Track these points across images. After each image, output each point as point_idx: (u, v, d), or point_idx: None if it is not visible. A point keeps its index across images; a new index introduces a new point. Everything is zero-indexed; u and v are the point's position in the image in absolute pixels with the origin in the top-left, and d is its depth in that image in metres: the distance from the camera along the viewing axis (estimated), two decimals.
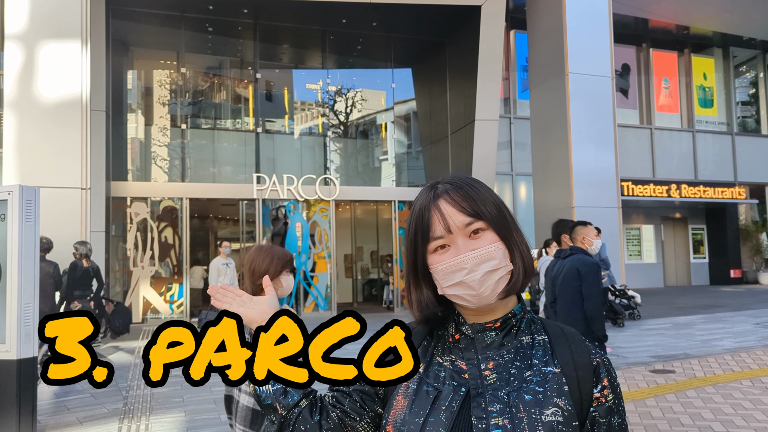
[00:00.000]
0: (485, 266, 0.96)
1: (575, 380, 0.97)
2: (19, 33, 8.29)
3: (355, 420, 1.04)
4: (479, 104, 12.80)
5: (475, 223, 0.98)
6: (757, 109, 21.08)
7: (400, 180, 15.62)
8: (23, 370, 4.60)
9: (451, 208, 0.98)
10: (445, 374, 1.00)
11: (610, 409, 0.98)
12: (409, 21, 14.01)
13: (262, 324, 0.97)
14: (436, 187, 1.02)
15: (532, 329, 1.03)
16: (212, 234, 16.55)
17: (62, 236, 7.64)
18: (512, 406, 0.93)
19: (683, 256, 20.25)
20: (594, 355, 1.00)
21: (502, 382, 0.96)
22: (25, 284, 4.68)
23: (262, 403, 1.06)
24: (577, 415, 0.95)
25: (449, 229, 0.98)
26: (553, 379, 0.96)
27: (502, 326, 1.00)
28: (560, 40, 12.57)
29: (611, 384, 1.00)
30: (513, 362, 0.98)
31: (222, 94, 14.98)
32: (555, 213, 12.67)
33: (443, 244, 0.99)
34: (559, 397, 0.94)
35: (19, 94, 8.21)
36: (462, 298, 0.98)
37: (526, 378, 0.96)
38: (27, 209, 4.72)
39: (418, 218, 1.01)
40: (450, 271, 0.98)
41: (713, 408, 5.03)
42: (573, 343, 1.01)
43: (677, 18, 18.05)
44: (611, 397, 0.99)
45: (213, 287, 1.14)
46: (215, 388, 6.17)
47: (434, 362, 1.03)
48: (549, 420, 0.92)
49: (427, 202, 1.01)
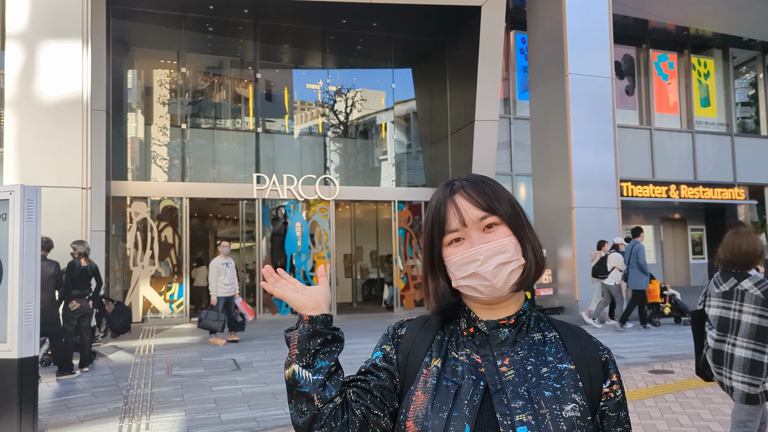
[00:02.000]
0: (498, 258, 0.99)
1: (588, 376, 1.00)
2: (20, 32, 8.29)
3: (378, 416, 1.03)
4: (479, 104, 12.82)
5: (490, 217, 1.01)
6: (756, 110, 21.10)
7: (399, 180, 15.64)
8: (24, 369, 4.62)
9: (467, 203, 1.02)
10: (463, 369, 1.01)
11: (619, 404, 1.02)
12: (410, 21, 14.02)
13: (314, 314, 1.02)
14: (453, 184, 1.06)
15: (541, 326, 1.06)
16: (212, 234, 16.56)
17: (62, 236, 7.65)
18: (534, 403, 0.95)
19: (682, 256, 20.29)
20: (602, 352, 1.04)
21: (520, 379, 0.98)
22: (27, 284, 4.69)
23: (297, 389, 1.01)
24: (590, 410, 0.98)
25: (464, 223, 1.01)
26: (569, 376, 0.99)
27: (515, 323, 1.03)
28: (560, 41, 12.58)
29: (619, 379, 1.04)
30: (528, 359, 1.00)
31: (222, 93, 14.99)
32: (555, 213, 12.71)
33: (458, 237, 1.02)
34: (576, 393, 0.97)
35: (20, 93, 8.22)
36: (476, 290, 1.00)
37: (543, 375, 0.98)
38: (28, 209, 4.74)
39: (435, 212, 1.05)
40: (464, 263, 1.00)
41: (712, 408, 5.04)
42: (582, 339, 1.04)
43: (677, 19, 18.06)
44: (620, 392, 1.03)
45: (267, 268, 1.12)
46: (215, 388, 6.19)
47: (450, 357, 1.04)
48: (569, 416, 0.94)
49: (443, 197, 1.04)
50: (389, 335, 1.11)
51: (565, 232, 12.39)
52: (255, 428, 4.81)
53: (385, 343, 1.11)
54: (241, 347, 8.77)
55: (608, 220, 12.44)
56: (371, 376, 1.06)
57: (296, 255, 12.99)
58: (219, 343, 9.06)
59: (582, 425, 0.95)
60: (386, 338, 1.11)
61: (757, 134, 20.70)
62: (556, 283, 12.68)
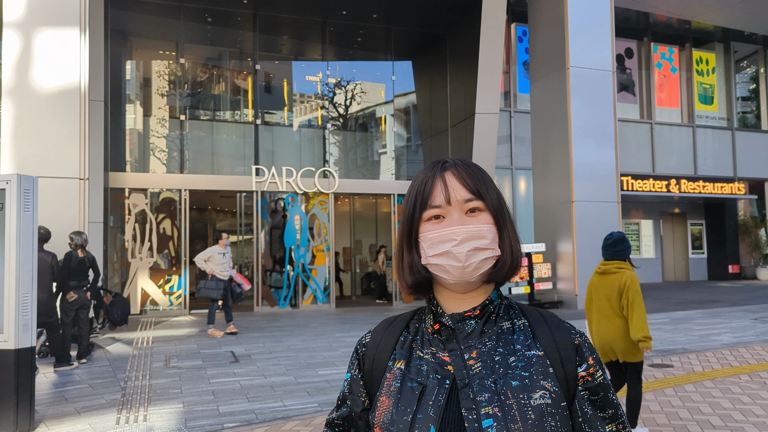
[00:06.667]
0: (474, 243, 0.96)
1: (559, 361, 0.97)
2: (17, 21, 8.22)
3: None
4: (479, 97, 12.76)
5: (475, 201, 0.99)
6: (757, 104, 21.04)
7: (399, 173, 15.59)
8: (21, 360, 4.59)
9: (456, 181, 0.99)
10: (428, 368, 0.99)
11: (600, 386, 0.98)
12: (410, 13, 13.94)
13: None
14: (445, 162, 1.04)
15: (510, 314, 1.03)
16: (210, 226, 16.53)
17: (60, 226, 7.62)
18: (501, 394, 0.92)
19: (682, 251, 20.29)
20: (575, 335, 1.01)
21: (488, 370, 0.95)
22: (24, 274, 4.66)
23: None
24: (565, 396, 0.95)
25: (449, 201, 0.99)
26: (538, 362, 0.96)
27: (481, 314, 1.00)
28: (561, 34, 12.51)
29: (597, 361, 1.00)
30: (496, 349, 0.98)
31: (221, 85, 14.91)
32: (555, 207, 12.68)
33: (438, 215, 0.99)
34: (545, 379, 0.94)
35: (17, 82, 8.16)
36: (444, 269, 0.97)
37: (511, 364, 0.96)
38: (25, 199, 4.70)
39: (421, 185, 1.02)
40: (440, 241, 0.98)
41: (711, 402, 5.03)
42: (552, 324, 1.01)
43: (678, 12, 17.98)
44: (600, 374, 0.99)
45: None
46: (214, 380, 6.17)
47: (415, 357, 1.01)
48: (538, 403, 0.91)
49: (432, 173, 1.02)
50: (355, 350, 1.11)
51: (564, 225, 12.37)
52: (253, 420, 4.79)
53: (351, 362, 1.11)
54: (240, 339, 8.75)
55: (608, 214, 12.41)
56: (344, 408, 1.09)
57: (295, 248, 12.97)
58: (217, 335, 9.05)
59: (554, 412, 0.92)
60: (353, 356, 1.11)
61: (757, 129, 20.66)
62: (555, 277, 12.67)
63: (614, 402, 0.99)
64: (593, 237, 11.29)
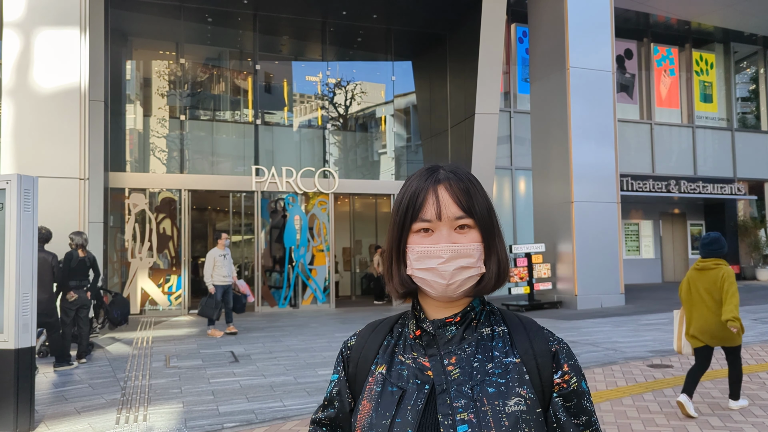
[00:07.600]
0: (461, 261, 0.98)
1: (535, 368, 0.98)
2: (18, 21, 8.23)
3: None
4: (479, 98, 12.76)
5: (465, 219, 1.00)
6: (757, 105, 21.04)
7: (399, 173, 15.60)
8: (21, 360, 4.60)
9: (448, 197, 1.00)
10: (409, 373, 1.00)
11: (574, 392, 0.99)
12: (410, 13, 13.94)
13: None
14: (438, 172, 1.03)
15: (491, 321, 1.04)
16: (210, 226, 16.53)
17: (60, 226, 7.62)
18: (476, 400, 0.93)
19: (682, 251, 20.28)
20: (552, 342, 1.02)
21: (466, 377, 0.96)
22: (24, 274, 4.66)
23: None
24: (540, 402, 0.96)
25: (439, 216, 0.99)
26: (514, 369, 0.97)
27: (462, 320, 1.01)
28: (561, 34, 12.52)
29: (573, 368, 1.00)
30: (475, 355, 0.99)
31: (221, 85, 14.92)
32: (554, 208, 12.69)
33: (428, 228, 1.00)
34: (521, 386, 0.95)
35: (17, 82, 8.16)
36: (428, 283, 0.99)
37: (489, 370, 0.97)
38: (25, 198, 4.70)
39: (413, 196, 1.02)
40: (427, 256, 0.99)
41: (711, 403, 5.04)
42: (531, 331, 1.02)
43: (678, 13, 17.98)
44: (575, 380, 1.00)
45: None
46: (213, 380, 6.17)
47: (396, 361, 1.03)
48: (513, 410, 0.92)
49: (426, 184, 1.02)
50: (340, 352, 1.13)
51: (564, 226, 12.38)
52: (253, 420, 4.80)
53: (337, 363, 1.12)
54: (240, 339, 8.76)
55: (608, 215, 12.42)
56: (331, 409, 1.10)
57: (295, 248, 12.97)
58: (217, 335, 9.05)
59: (528, 419, 0.93)
60: (338, 358, 1.12)
61: (757, 129, 20.67)
62: (554, 277, 12.67)
63: (588, 409, 1.00)
64: (593, 237, 11.32)
